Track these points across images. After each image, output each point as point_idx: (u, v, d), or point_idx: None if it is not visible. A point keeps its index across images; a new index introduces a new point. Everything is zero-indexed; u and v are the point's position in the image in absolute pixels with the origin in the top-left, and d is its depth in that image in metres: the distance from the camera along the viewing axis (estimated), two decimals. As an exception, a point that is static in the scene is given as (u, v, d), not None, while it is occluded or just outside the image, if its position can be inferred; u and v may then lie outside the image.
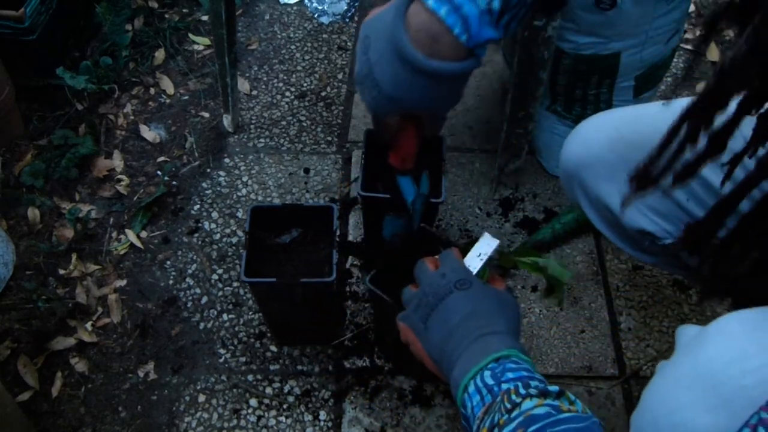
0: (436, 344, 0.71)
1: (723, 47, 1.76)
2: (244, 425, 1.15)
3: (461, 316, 0.70)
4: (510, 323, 0.71)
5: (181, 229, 1.39)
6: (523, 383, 0.62)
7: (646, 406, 0.61)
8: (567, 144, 0.95)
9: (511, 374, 0.63)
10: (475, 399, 0.63)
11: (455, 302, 0.71)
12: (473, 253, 0.78)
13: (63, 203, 1.43)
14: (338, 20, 1.80)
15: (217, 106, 1.60)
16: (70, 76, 1.50)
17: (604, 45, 1.23)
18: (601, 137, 0.90)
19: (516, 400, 0.59)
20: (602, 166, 0.89)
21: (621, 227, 0.92)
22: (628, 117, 0.91)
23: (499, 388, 0.62)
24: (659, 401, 0.60)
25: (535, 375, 0.64)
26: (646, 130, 0.86)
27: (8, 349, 1.22)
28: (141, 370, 1.21)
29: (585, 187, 0.93)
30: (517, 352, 0.67)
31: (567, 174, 0.96)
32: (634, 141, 0.85)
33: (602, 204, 0.92)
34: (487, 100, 1.61)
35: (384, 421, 1.14)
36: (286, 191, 1.45)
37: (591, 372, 1.21)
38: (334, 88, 1.64)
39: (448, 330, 0.70)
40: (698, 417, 0.55)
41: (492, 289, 0.74)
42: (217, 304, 1.29)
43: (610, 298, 1.30)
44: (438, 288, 0.73)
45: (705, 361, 0.58)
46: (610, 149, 0.88)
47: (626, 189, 0.84)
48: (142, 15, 1.74)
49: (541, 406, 0.58)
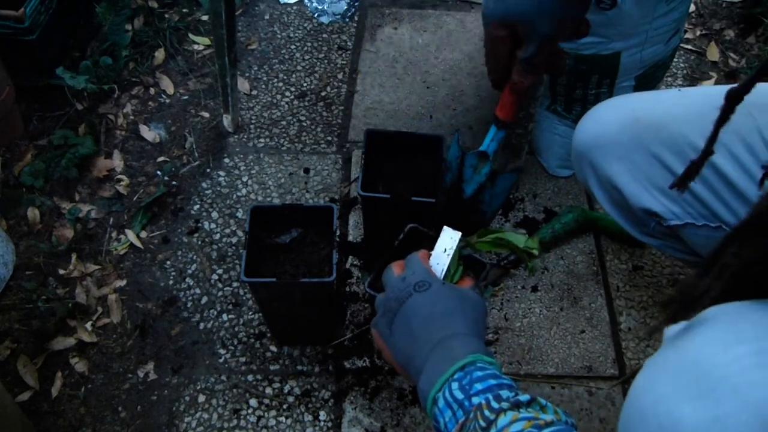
0: (400, 350, 0.71)
1: (723, 47, 1.76)
2: (244, 425, 1.15)
3: (421, 318, 0.70)
4: (472, 323, 0.70)
5: (181, 229, 1.39)
6: (494, 395, 0.61)
7: (632, 398, 0.61)
8: (581, 123, 0.95)
9: (480, 385, 0.62)
10: (447, 415, 0.63)
11: (414, 305, 0.71)
12: (438, 250, 0.77)
13: (63, 203, 1.43)
14: (338, 20, 1.80)
15: (217, 106, 1.60)
16: (70, 76, 1.50)
17: (605, 45, 1.23)
18: (616, 118, 0.90)
19: (490, 416, 0.59)
20: (615, 146, 0.89)
21: (628, 209, 0.92)
22: (645, 100, 0.91)
23: (470, 402, 0.61)
24: (645, 393, 0.60)
25: (502, 380, 0.64)
26: (662, 114, 0.86)
27: (8, 349, 1.22)
28: (141, 370, 1.21)
29: (595, 167, 0.93)
30: (481, 356, 0.66)
31: (579, 153, 0.96)
32: (649, 124, 0.86)
33: (611, 184, 0.91)
34: (487, 100, 1.61)
35: (384, 421, 1.14)
36: (286, 191, 1.45)
37: (591, 372, 1.21)
38: (334, 88, 1.64)
39: (410, 334, 0.70)
40: (682, 406, 0.56)
41: (453, 288, 0.73)
42: (217, 304, 1.29)
43: (610, 298, 1.30)
44: (399, 292, 0.72)
45: (689, 352, 0.59)
46: (624, 129, 0.88)
47: (637, 169, 0.85)
48: (142, 15, 1.74)
49: (517, 421, 0.57)
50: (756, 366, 0.54)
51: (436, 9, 1.84)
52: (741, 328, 0.57)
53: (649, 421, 0.58)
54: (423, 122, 1.58)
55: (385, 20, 1.80)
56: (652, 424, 0.57)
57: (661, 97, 0.92)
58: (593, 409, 1.16)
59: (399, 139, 1.21)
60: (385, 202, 1.12)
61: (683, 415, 0.55)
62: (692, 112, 0.84)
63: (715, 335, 0.58)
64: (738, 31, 1.81)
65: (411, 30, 1.78)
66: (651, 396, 0.59)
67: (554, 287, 1.31)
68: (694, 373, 0.57)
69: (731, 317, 0.59)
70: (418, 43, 1.75)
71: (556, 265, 1.34)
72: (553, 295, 1.30)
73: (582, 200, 1.44)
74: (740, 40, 1.79)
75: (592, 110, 0.95)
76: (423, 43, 1.75)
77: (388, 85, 1.65)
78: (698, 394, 0.55)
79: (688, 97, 0.88)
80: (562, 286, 1.31)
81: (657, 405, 0.58)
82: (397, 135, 1.22)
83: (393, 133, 1.23)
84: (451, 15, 1.82)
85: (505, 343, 1.24)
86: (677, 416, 0.55)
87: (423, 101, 1.62)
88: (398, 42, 1.75)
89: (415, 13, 1.82)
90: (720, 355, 0.56)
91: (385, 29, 1.78)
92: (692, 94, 0.90)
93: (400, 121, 1.58)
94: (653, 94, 0.94)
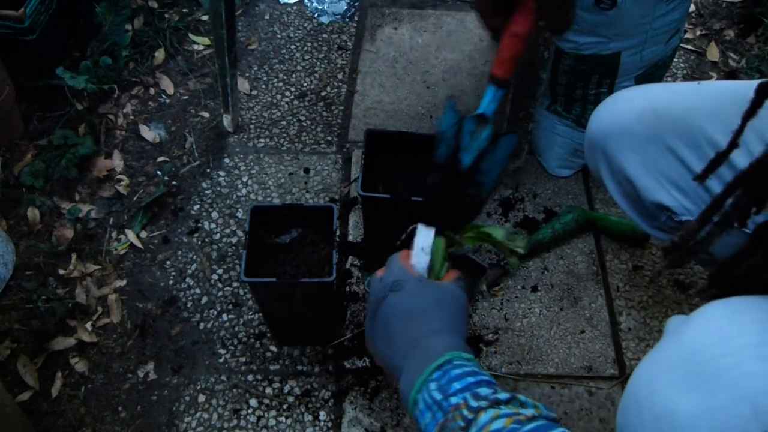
0: (382, 351, 0.71)
1: (723, 47, 1.76)
2: (244, 425, 1.14)
3: (397, 318, 0.69)
4: (449, 319, 0.70)
5: (181, 229, 1.39)
6: (472, 394, 0.60)
7: (630, 389, 0.62)
8: (596, 112, 0.94)
9: (458, 384, 0.62)
10: (427, 417, 0.62)
11: (389, 305, 0.70)
12: (417, 249, 0.76)
13: (63, 203, 1.43)
14: (338, 20, 1.80)
15: (217, 106, 1.60)
16: (70, 76, 1.50)
17: (605, 45, 1.23)
18: (632, 108, 0.89)
19: (468, 416, 0.58)
20: (630, 136, 0.88)
21: (640, 201, 0.91)
22: (662, 91, 0.90)
23: (448, 402, 0.61)
24: (642, 384, 0.61)
25: (481, 377, 0.63)
26: (680, 106, 0.85)
27: (8, 349, 1.22)
28: (141, 370, 1.21)
29: (609, 157, 0.92)
30: (459, 353, 0.65)
31: (592, 142, 0.94)
32: (665, 115, 0.85)
33: (624, 175, 0.91)
34: (487, 100, 1.61)
35: (384, 421, 1.14)
36: (286, 191, 1.45)
37: (591, 372, 1.21)
38: (334, 88, 1.64)
39: (387, 335, 0.70)
40: (677, 397, 0.56)
41: (429, 285, 0.72)
42: (217, 304, 1.29)
43: (610, 298, 1.30)
44: (377, 294, 0.72)
45: (687, 344, 0.59)
46: (640, 120, 0.87)
47: (651, 161, 0.83)
48: (142, 15, 1.74)
49: (498, 418, 0.57)
50: (754, 358, 0.54)
51: (436, 9, 1.84)
52: (741, 321, 0.57)
53: (645, 411, 0.58)
54: (423, 122, 1.58)
55: (385, 20, 1.80)
56: (648, 414, 0.58)
57: (679, 90, 0.90)
58: (593, 409, 1.16)
59: (399, 139, 1.21)
60: (385, 202, 1.12)
61: (678, 406, 0.56)
62: (711, 106, 0.83)
63: (715, 328, 0.58)
64: (738, 31, 1.81)
65: (411, 30, 1.78)
66: (648, 387, 0.60)
67: (554, 287, 1.31)
68: (691, 364, 0.57)
69: (732, 311, 0.59)
70: (418, 43, 1.75)
71: (556, 265, 1.34)
72: (553, 295, 1.30)
73: (582, 200, 1.44)
74: (740, 40, 1.79)
75: (608, 99, 0.94)
76: (423, 43, 1.75)
77: (388, 85, 1.65)
78: (694, 385, 0.56)
79: (707, 91, 0.87)
80: (562, 286, 1.31)
81: (653, 395, 0.58)
82: (397, 135, 1.22)
83: (393, 133, 1.23)
84: (451, 15, 1.82)
85: (505, 343, 1.24)
86: (672, 407, 0.56)
87: (423, 101, 1.62)
88: (398, 42, 1.75)
89: (415, 13, 1.82)
90: (717, 348, 0.56)
91: (385, 29, 1.78)
92: (711, 87, 0.88)
93: (400, 121, 1.58)
94: (671, 86, 0.92)
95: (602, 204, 1.44)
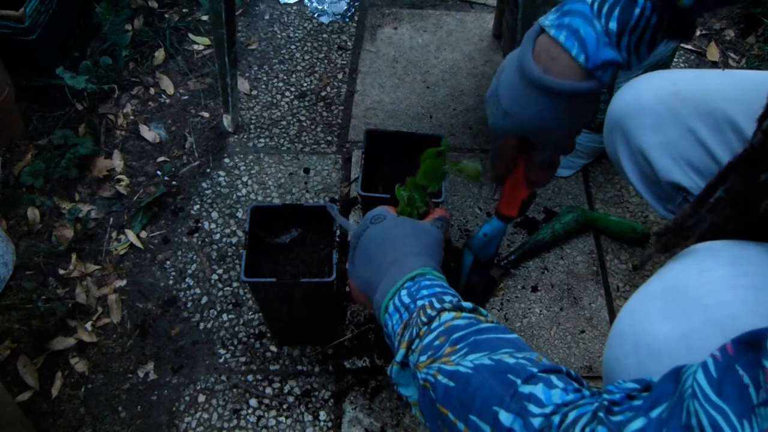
0: (360, 276, 0.77)
1: (723, 47, 1.76)
2: (244, 425, 1.15)
3: (376, 244, 0.76)
4: (425, 246, 0.76)
5: (181, 229, 1.39)
6: (437, 298, 0.65)
7: (615, 324, 0.66)
8: (619, 93, 0.94)
9: (426, 291, 0.67)
10: (395, 317, 0.68)
11: (370, 234, 0.78)
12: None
13: (63, 203, 1.43)
14: (338, 20, 1.80)
15: (217, 106, 1.60)
16: (70, 76, 1.50)
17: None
18: (655, 89, 0.89)
19: (431, 313, 0.63)
20: (651, 115, 0.88)
21: (656, 183, 0.91)
22: (687, 75, 0.91)
23: (415, 305, 0.66)
24: (627, 315, 0.65)
25: (448, 290, 0.68)
26: (704, 89, 0.86)
27: (8, 349, 1.22)
28: (141, 370, 1.21)
29: (628, 136, 0.92)
30: (431, 270, 0.70)
31: (612, 120, 0.95)
32: (687, 97, 0.86)
33: (642, 156, 0.91)
34: (487, 100, 1.61)
35: (384, 421, 1.14)
36: (286, 191, 1.45)
37: (591, 372, 1.21)
38: (334, 88, 1.64)
39: (367, 259, 0.76)
40: (656, 324, 0.61)
41: (407, 220, 0.79)
42: (217, 304, 1.29)
43: (610, 298, 1.30)
44: (359, 230, 0.80)
45: (669, 278, 0.64)
46: (662, 101, 0.87)
47: (671, 142, 0.86)
48: (142, 15, 1.74)
49: (459, 318, 0.62)
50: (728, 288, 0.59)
51: (436, 9, 1.84)
52: (719, 256, 0.62)
53: (627, 339, 0.63)
54: (423, 122, 1.58)
55: (385, 20, 1.80)
56: (629, 342, 0.63)
57: (703, 74, 0.91)
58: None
59: (399, 139, 1.21)
60: (385, 202, 1.12)
61: (656, 332, 0.60)
62: (736, 91, 0.84)
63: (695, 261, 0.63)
64: (738, 31, 1.81)
65: (411, 30, 1.78)
66: (630, 318, 0.64)
67: (554, 287, 1.31)
68: (670, 295, 0.62)
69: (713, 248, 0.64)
70: (418, 43, 1.75)
71: (556, 265, 1.34)
72: (553, 295, 1.30)
73: (582, 200, 1.44)
74: (740, 40, 1.79)
75: (632, 81, 0.94)
76: (423, 43, 1.75)
77: (388, 85, 1.65)
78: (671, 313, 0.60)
79: (732, 77, 0.88)
80: (562, 286, 1.31)
81: (635, 326, 0.63)
82: (397, 135, 1.22)
83: (393, 133, 1.23)
84: (451, 15, 1.82)
85: (505, 343, 1.24)
86: (651, 334, 0.61)
87: (423, 101, 1.62)
88: (398, 42, 1.75)
89: (415, 13, 1.83)
90: (695, 278, 0.61)
91: (385, 29, 1.78)
92: (737, 74, 0.89)
93: (400, 121, 1.58)
94: (695, 71, 0.93)
95: (602, 204, 1.44)
